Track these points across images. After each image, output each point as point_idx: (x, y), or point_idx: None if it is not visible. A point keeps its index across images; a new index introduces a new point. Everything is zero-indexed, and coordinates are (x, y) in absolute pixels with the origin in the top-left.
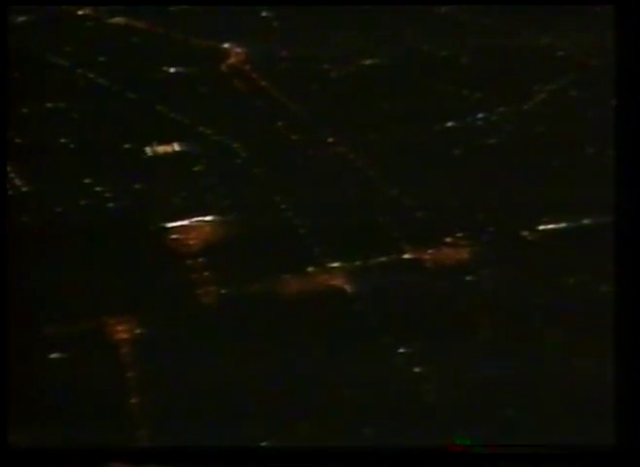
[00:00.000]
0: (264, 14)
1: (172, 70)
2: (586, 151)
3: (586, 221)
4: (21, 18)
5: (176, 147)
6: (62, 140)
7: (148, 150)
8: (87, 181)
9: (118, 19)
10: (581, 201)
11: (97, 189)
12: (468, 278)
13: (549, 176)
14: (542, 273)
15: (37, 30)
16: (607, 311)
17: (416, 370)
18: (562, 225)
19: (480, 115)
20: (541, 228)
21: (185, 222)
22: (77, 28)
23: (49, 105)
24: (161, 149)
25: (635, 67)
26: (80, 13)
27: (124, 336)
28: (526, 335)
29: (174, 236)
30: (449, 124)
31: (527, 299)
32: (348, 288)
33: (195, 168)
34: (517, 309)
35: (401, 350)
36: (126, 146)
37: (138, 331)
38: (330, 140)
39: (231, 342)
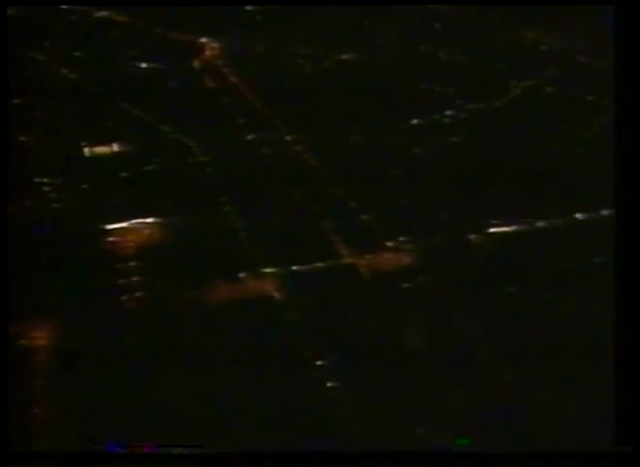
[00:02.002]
0: (248, 7)
1: (144, 65)
2: (553, 151)
3: (540, 224)
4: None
5: (130, 146)
6: (21, 138)
7: (102, 149)
8: (36, 180)
9: (102, 13)
10: (537, 204)
11: (45, 189)
12: (405, 285)
13: (507, 177)
14: (485, 279)
15: (19, 24)
16: (549, 320)
17: (329, 384)
18: (513, 228)
19: (448, 112)
20: (491, 231)
21: (124, 224)
22: (59, 22)
23: (16, 101)
24: (115, 148)
25: (635, 67)
26: (65, 7)
27: (41, 342)
28: (463, 348)
29: (111, 239)
30: (414, 121)
31: (465, 308)
32: (277, 295)
33: (147, 168)
34: (454, 320)
35: (318, 363)
36: (82, 144)
37: (56, 337)
38: (288, 138)
39: (151, 350)
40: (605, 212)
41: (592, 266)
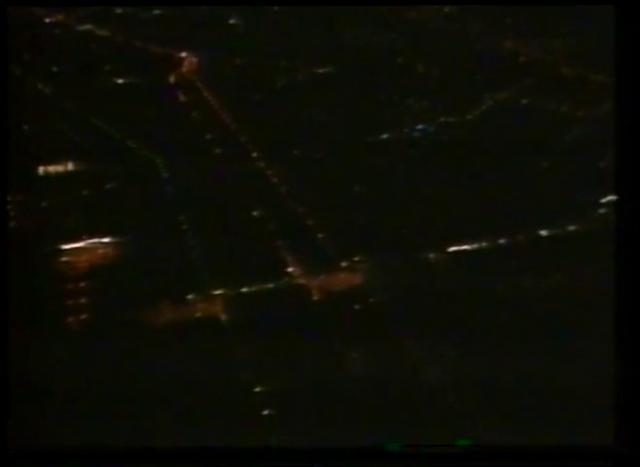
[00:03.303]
0: (231, 21)
1: (120, 81)
2: (521, 164)
3: (502, 241)
4: None
5: (96, 163)
6: None
7: (67, 166)
8: None
9: (85, 27)
10: (501, 221)
11: (7, 207)
12: (356, 307)
13: (471, 193)
14: (439, 298)
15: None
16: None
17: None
18: (475, 246)
19: (419, 126)
20: (451, 249)
21: (80, 244)
22: (42, 35)
23: None
24: (80, 165)
25: (635, 67)
26: (48, 20)
27: None
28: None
29: (65, 259)
30: (384, 135)
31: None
32: (223, 317)
33: (109, 186)
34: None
35: (256, 390)
36: (48, 161)
37: None
38: (254, 155)
39: (91, 368)
40: (572, 228)
41: (555, 282)
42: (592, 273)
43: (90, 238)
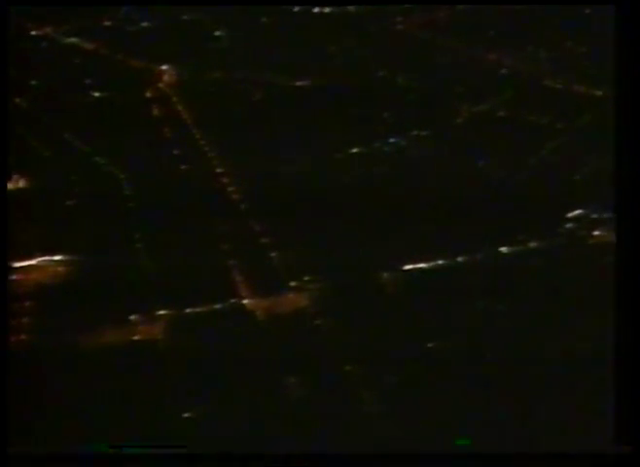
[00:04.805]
0: (217, 33)
1: (97, 94)
2: (489, 179)
3: (460, 259)
4: None
5: (57, 180)
6: None
7: (28, 182)
8: None
9: (71, 40)
10: (461, 238)
11: None
12: (303, 328)
13: (432, 211)
14: (392, 322)
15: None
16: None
17: None
18: (431, 264)
19: (391, 140)
20: (406, 268)
21: (32, 262)
22: (26, 48)
23: None
24: (41, 182)
25: (635, 67)
26: (34, 33)
27: None
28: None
29: (13, 277)
30: (354, 150)
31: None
32: (163, 339)
33: (69, 203)
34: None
35: (185, 415)
36: (9, 176)
37: None
38: (218, 170)
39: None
40: (533, 244)
41: (516, 301)
42: (556, 292)
43: (42, 256)
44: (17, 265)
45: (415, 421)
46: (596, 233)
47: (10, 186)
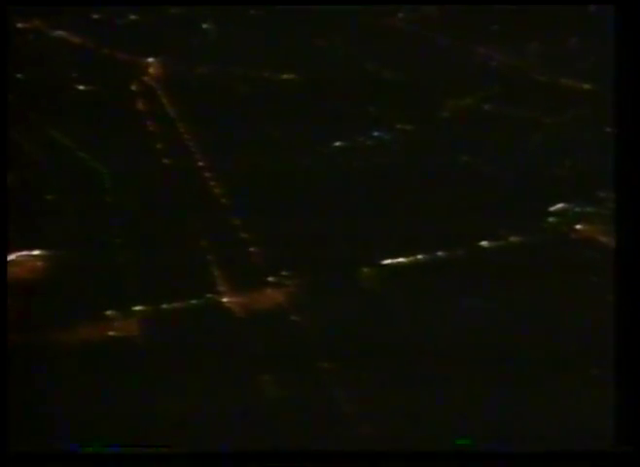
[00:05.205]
0: (204, 26)
1: (81, 88)
2: (472, 172)
3: (440, 253)
4: None
5: (39, 175)
6: None
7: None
8: None
9: (59, 33)
10: (441, 232)
11: None
12: (277, 325)
13: (413, 205)
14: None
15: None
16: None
17: None
18: (411, 259)
19: (375, 133)
20: (385, 262)
21: (12, 256)
22: (15, 42)
23: None
24: (22, 176)
25: (635, 67)
26: (20, 26)
27: None
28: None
29: None
30: (337, 143)
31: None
32: (138, 336)
33: (48, 197)
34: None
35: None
36: None
37: None
38: (200, 164)
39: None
40: (514, 239)
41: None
42: (538, 288)
43: (21, 251)
44: None
45: (393, 419)
46: (578, 226)
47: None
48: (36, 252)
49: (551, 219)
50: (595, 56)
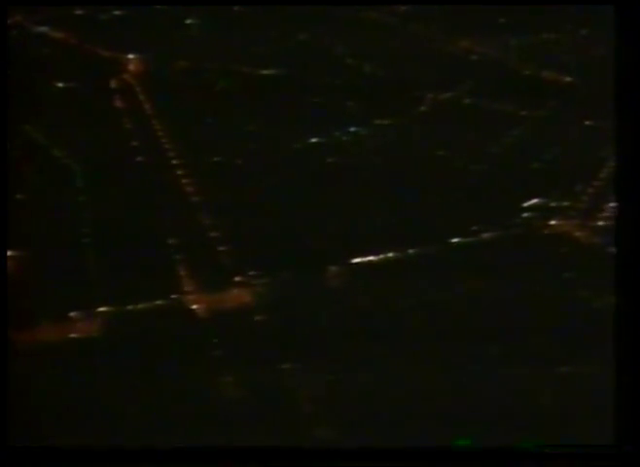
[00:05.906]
0: (188, 21)
1: (60, 85)
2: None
3: (411, 251)
4: None
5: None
6: None
7: None
8: None
9: (42, 29)
10: (413, 230)
11: None
12: (241, 325)
13: (385, 202)
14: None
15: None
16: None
17: None
18: (381, 257)
19: (352, 128)
20: (354, 261)
21: None
22: None
23: None
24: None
25: (635, 67)
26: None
27: None
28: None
29: None
30: (313, 139)
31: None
32: (100, 336)
33: (18, 196)
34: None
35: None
36: None
37: None
38: (174, 162)
39: None
40: (486, 235)
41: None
42: (509, 285)
43: None
44: None
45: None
46: (553, 222)
47: None
48: (8, 253)
49: (525, 215)
50: (575, 49)
